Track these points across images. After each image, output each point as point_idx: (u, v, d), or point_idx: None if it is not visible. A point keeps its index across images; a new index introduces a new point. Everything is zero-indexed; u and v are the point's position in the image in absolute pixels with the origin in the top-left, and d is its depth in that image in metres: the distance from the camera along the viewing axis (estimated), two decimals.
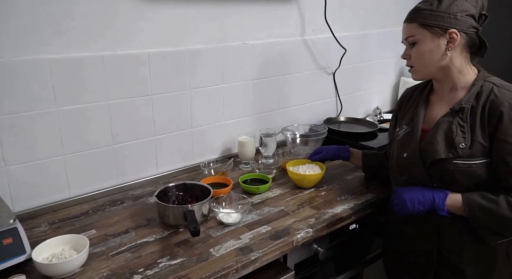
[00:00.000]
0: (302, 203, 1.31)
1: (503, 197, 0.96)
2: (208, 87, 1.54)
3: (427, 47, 1.04)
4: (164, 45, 1.38)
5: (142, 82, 1.36)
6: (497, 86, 1.02)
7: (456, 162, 1.00)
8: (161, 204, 1.15)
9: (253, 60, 1.63)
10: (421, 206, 1.03)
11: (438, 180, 1.04)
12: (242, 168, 1.58)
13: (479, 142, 0.99)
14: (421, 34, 1.04)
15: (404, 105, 1.23)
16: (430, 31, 1.03)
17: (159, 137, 1.46)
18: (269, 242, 1.08)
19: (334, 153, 1.42)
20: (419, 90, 1.21)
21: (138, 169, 1.43)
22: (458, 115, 1.03)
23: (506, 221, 0.96)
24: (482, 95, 1.02)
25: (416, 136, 1.09)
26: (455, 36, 1.01)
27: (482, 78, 1.05)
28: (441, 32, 1.02)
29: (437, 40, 1.03)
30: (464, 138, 1.00)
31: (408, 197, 1.05)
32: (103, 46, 1.26)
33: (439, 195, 1.02)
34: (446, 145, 1.02)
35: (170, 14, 1.37)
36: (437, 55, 1.04)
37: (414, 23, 1.04)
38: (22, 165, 1.18)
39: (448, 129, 1.03)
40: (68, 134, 1.24)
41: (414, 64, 1.09)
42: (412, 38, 1.06)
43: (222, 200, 1.24)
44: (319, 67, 1.88)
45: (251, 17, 1.59)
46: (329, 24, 1.79)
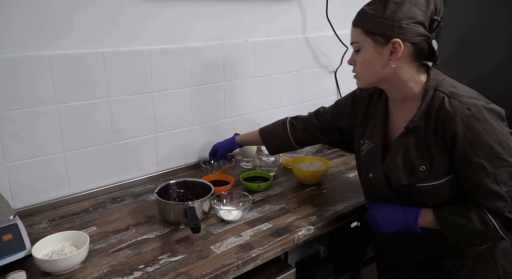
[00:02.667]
0: (303, 201, 1.30)
1: (474, 212, 0.92)
2: (209, 84, 1.53)
3: (369, 55, 0.96)
4: (164, 42, 1.38)
5: (143, 79, 1.36)
6: (448, 96, 0.92)
7: (420, 185, 0.96)
8: (161, 201, 1.15)
9: (254, 57, 1.63)
10: (394, 225, 1.02)
11: (407, 200, 1.01)
12: (243, 166, 1.57)
13: (439, 161, 0.93)
14: (364, 42, 0.96)
15: (364, 113, 1.14)
16: (372, 39, 0.94)
17: (160, 134, 1.45)
18: (270, 240, 1.08)
19: (228, 149, 1.46)
20: (376, 98, 1.12)
21: (138, 167, 1.43)
22: (413, 134, 0.96)
23: (481, 234, 0.93)
24: (433, 109, 0.93)
25: (377, 156, 1.05)
26: (398, 47, 0.91)
27: (433, 86, 0.95)
28: (384, 41, 0.93)
29: (380, 49, 0.94)
30: (423, 160, 0.95)
31: (381, 219, 1.04)
32: (104, 43, 1.25)
33: (410, 214, 0.99)
34: (406, 170, 0.97)
35: (171, 11, 1.37)
36: (378, 65, 0.96)
37: (359, 29, 0.96)
38: (22, 162, 1.18)
39: (405, 151, 0.97)
40: (68, 131, 1.24)
41: (357, 71, 1.02)
42: (357, 45, 0.98)
43: (223, 198, 1.24)
44: (320, 65, 1.88)
45: (252, 15, 1.58)
46: (331, 22, 1.78)
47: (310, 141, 1.38)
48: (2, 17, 1.07)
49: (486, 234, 0.93)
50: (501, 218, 0.91)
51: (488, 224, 0.91)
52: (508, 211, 0.90)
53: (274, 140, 1.36)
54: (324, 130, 1.30)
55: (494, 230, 0.91)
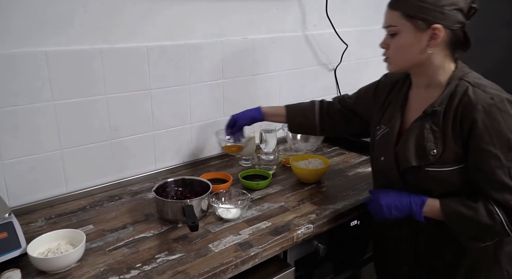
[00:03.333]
0: (302, 199, 1.29)
1: (481, 204, 0.91)
2: (208, 81, 1.52)
3: (407, 40, 0.94)
4: (163, 39, 1.37)
5: (141, 76, 1.35)
6: (472, 85, 0.93)
7: (428, 170, 0.95)
8: (159, 199, 1.14)
9: (254, 55, 1.62)
10: (397, 212, 1.00)
11: (413, 187, 1.00)
12: (242, 164, 1.56)
13: (451, 148, 0.93)
14: (402, 26, 0.93)
15: (384, 96, 1.15)
16: (412, 24, 0.92)
17: (158, 132, 1.44)
18: (269, 238, 1.07)
19: (250, 118, 1.33)
20: (399, 85, 1.12)
21: (136, 165, 1.41)
22: (431, 119, 0.96)
23: (486, 228, 0.91)
24: (456, 96, 0.94)
25: (392, 139, 1.04)
26: (438, 33, 0.91)
27: (459, 76, 0.96)
28: (425, 26, 0.92)
29: (419, 34, 0.93)
30: (435, 144, 0.94)
31: (385, 203, 1.01)
32: (101, 40, 1.24)
33: (416, 201, 0.98)
34: (417, 152, 0.97)
35: (170, 8, 1.35)
36: (416, 51, 0.95)
37: (397, 12, 0.93)
38: (18, 159, 1.17)
39: (419, 135, 0.97)
40: (65, 128, 1.23)
41: (391, 56, 1.00)
42: (393, 29, 0.96)
43: (221, 196, 1.23)
44: (320, 63, 1.87)
45: (251, 12, 1.57)
46: (331, 19, 1.77)
47: (331, 126, 1.33)
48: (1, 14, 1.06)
49: (491, 227, 0.92)
50: (508, 212, 0.90)
51: (494, 217, 0.90)
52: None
53: (299, 117, 1.33)
54: (344, 115, 1.30)
55: (500, 224, 0.90)
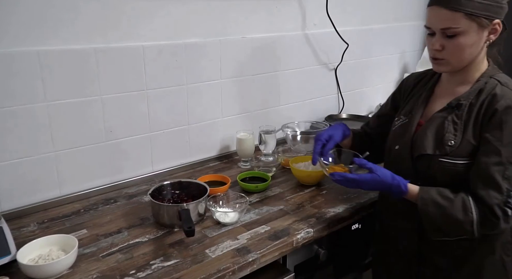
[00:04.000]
0: (302, 202, 1.26)
1: (460, 198, 0.91)
2: (206, 82, 1.49)
3: (471, 40, 0.91)
4: (160, 38, 1.34)
5: (137, 76, 1.32)
6: (501, 84, 0.94)
7: (441, 160, 0.95)
8: (155, 203, 1.11)
9: (253, 54, 1.58)
10: (377, 189, 1.04)
11: (422, 177, 0.99)
12: (241, 166, 1.53)
13: (469, 141, 0.93)
14: (467, 26, 0.90)
15: (407, 94, 1.16)
16: (477, 23, 0.90)
17: (155, 133, 1.41)
18: (267, 243, 1.04)
19: (342, 133, 1.19)
20: (425, 80, 1.12)
21: (133, 167, 1.38)
22: (454, 112, 0.97)
23: (456, 222, 0.91)
24: (483, 92, 0.95)
25: (411, 129, 1.04)
26: (498, 28, 0.92)
27: (490, 74, 0.97)
28: (487, 23, 0.91)
29: (481, 32, 0.91)
30: (454, 136, 0.94)
31: (366, 187, 1.01)
32: (96, 39, 1.21)
33: (397, 184, 0.97)
34: (434, 141, 0.97)
35: (168, 7, 1.32)
36: (477, 49, 0.94)
37: (460, 13, 0.88)
38: (10, 162, 1.14)
39: (440, 125, 0.97)
40: (59, 130, 1.20)
41: (448, 57, 0.95)
42: (455, 30, 0.90)
43: (219, 199, 1.20)
44: (320, 63, 1.83)
45: (250, 10, 1.54)
46: (331, 18, 1.74)
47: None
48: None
49: (461, 223, 0.91)
50: (484, 211, 0.90)
51: (468, 215, 0.90)
52: (497, 203, 0.88)
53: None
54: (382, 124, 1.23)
55: (470, 223, 0.90)
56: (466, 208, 0.91)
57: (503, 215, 0.89)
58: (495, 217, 0.89)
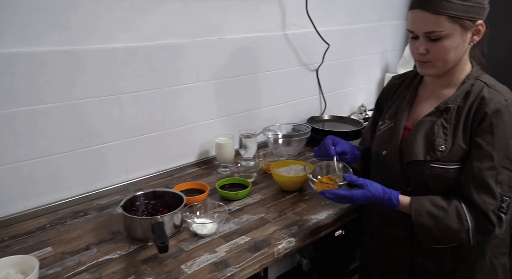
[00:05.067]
0: (284, 209, 1.21)
1: (453, 206, 0.89)
2: (183, 85, 1.42)
3: (455, 42, 0.89)
4: (133, 39, 1.26)
5: (109, 80, 1.24)
6: (488, 86, 0.93)
7: (433, 166, 0.93)
8: (127, 216, 1.04)
9: (232, 56, 1.53)
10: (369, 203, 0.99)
11: (413, 183, 0.97)
12: (221, 172, 1.47)
13: (460, 145, 0.91)
14: (451, 29, 0.88)
15: (390, 97, 1.13)
16: (460, 25, 0.88)
17: (130, 140, 1.34)
18: (247, 255, 0.98)
19: (350, 149, 1.13)
20: (407, 81, 1.11)
21: (105, 176, 1.31)
22: (443, 116, 0.95)
23: (451, 231, 0.89)
24: (471, 94, 0.93)
25: (397, 134, 1.01)
26: (481, 28, 0.90)
27: (475, 76, 0.96)
28: (471, 25, 0.89)
29: (465, 34, 0.90)
30: (445, 141, 0.92)
31: (358, 202, 0.97)
32: (64, 41, 1.13)
33: (389, 198, 0.94)
34: (425, 147, 0.94)
35: (142, 6, 1.25)
36: (462, 50, 0.92)
37: (443, 16, 0.86)
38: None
39: (430, 130, 0.95)
40: (22, 139, 1.11)
41: (433, 59, 0.93)
42: (439, 34, 0.88)
43: (196, 209, 1.14)
44: (301, 63, 1.79)
45: (228, 10, 1.48)
46: (311, 18, 1.70)
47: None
48: None
49: (457, 232, 0.89)
50: (479, 217, 0.88)
51: (463, 223, 0.89)
52: (492, 210, 0.87)
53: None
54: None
55: (466, 231, 0.88)
56: (460, 216, 0.89)
57: (498, 221, 0.87)
58: (490, 223, 0.87)
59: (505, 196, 0.87)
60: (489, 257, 0.99)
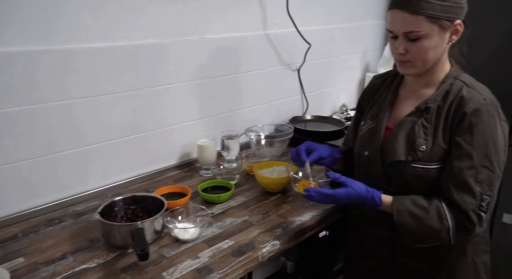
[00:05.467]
0: (267, 211, 1.19)
1: (434, 206, 0.90)
2: (163, 86, 1.39)
3: (434, 42, 0.90)
4: (110, 39, 1.22)
5: (85, 81, 1.19)
6: (467, 85, 0.93)
7: (414, 166, 0.93)
8: (105, 222, 1.00)
9: (213, 56, 1.50)
10: (353, 203, 0.98)
11: (395, 183, 0.97)
12: (203, 175, 1.44)
13: (440, 145, 0.92)
14: (429, 29, 0.88)
15: (371, 97, 1.13)
16: (438, 25, 0.88)
17: (108, 143, 1.29)
18: (231, 260, 0.96)
19: (329, 153, 1.12)
20: (388, 81, 1.11)
21: (82, 181, 1.26)
22: (423, 115, 0.95)
23: (432, 231, 0.90)
24: (450, 94, 0.94)
25: (379, 134, 1.02)
26: (460, 28, 0.91)
27: (454, 75, 0.97)
28: (449, 25, 0.89)
29: (443, 34, 0.90)
30: (425, 141, 0.93)
31: (343, 202, 0.96)
32: (36, 40, 1.07)
33: (372, 197, 0.94)
34: (406, 147, 0.95)
35: (120, 4, 1.21)
36: (441, 50, 0.93)
37: (421, 16, 0.87)
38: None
39: (410, 130, 0.96)
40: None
41: (412, 59, 0.93)
42: (417, 34, 0.89)
43: (178, 213, 1.10)
44: (283, 63, 1.78)
45: (209, 10, 1.45)
46: (292, 18, 1.69)
47: None
48: None
49: (438, 231, 0.90)
50: (460, 217, 0.88)
51: (443, 223, 0.89)
52: (472, 209, 0.88)
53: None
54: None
55: (447, 231, 0.89)
56: (441, 216, 0.89)
57: (478, 220, 0.88)
58: (471, 223, 0.88)
59: (485, 195, 0.88)
60: (470, 256, 1.00)
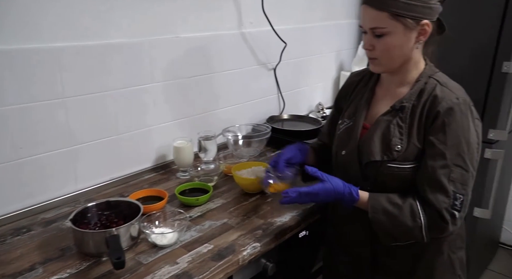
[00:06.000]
0: (247, 213, 1.18)
1: (408, 204, 0.91)
2: (136, 86, 1.34)
3: (398, 41, 0.90)
4: (77, 38, 1.17)
5: (49, 83, 1.13)
6: (441, 84, 0.94)
7: (390, 166, 0.94)
8: (77, 230, 0.95)
9: (187, 55, 1.47)
10: (330, 200, 0.97)
11: (371, 183, 0.97)
12: (180, 177, 1.41)
13: (415, 144, 0.92)
14: (393, 26, 0.88)
15: (349, 95, 1.13)
16: (403, 23, 0.88)
17: (78, 146, 1.24)
18: (211, 264, 0.94)
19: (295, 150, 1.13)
20: (365, 79, 1.11)
21: (51, 187, 1.20)
22: (398, 115, 0.95)
23: (405, 228, 0.91)
24: (424, 93, 0.94)
25: (356, 133, 1.02)
26: (427, 29, 0.90)
27: (428, 74, 0.97)
28: (414, 25, 0.89)
29: (409, 33, 0.90)
30: (400, 140, 0.93)
31: (321, 198, 0.95)
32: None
33: (349, 191, 0.95)
34: (382, 147, 0.95)
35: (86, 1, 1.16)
36: (406, 49, 0.92)
37: (385, 12, 0.87)
38: None
39: (386, 129, 0.96)
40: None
41: (379, 56, 0.94)
42: (381, 30, 0.89)
43: (155, 218, 1.07)
44: (259, 63, 1.77)
45: (184, 8, 1.41)
46: (268, 17, 1.68)
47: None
48: None
49: (410, 229, 0.91)
50: (433, 215, 0.90)
51: (416, 221, 0.90)
52: (445, 207, 0.89)
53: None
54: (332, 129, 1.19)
55: (419, 229, 0.90)
56: (414, 214, 0.90)
57: (451, 218, 0.89)
58: (444, 221, 0.89)
59: (458, 193, 0.89)
60: (446, 253, 1.01)
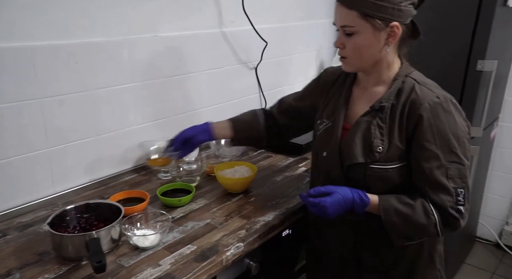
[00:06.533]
0: (230, 213, 1.17)
1: (419, 203, 0.91)
2: (115, 86, 1.32)
3: (366, 41, 0.90)
4: (53, 37, 1.13)
5: (25, 83, 1.10)
6: (418, 83, 0.93)
7: (372, 167, 0.94)
8: (55, 234, 0.93)
9: (167, 54, 1.45)
10: (341, 210, 0.94)
11: (354, 183, 0.97)
12: (161, 177, 1.39)
13: (396, 145, 0.92)
14: (361, 26, 0.88)
15: (326, 93, 1.11)
16: (371, 24, 0.88)
17: (55, 148, 1.21)
18: (194, 266, 0.93)
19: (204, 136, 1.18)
20: (342, 77, 1.09)
21: (27, 190, 1.16)
22: (378, 115, 0.95)
23: (420, 226, 0.91)
24: (403, 92, 0.93)
25: (336, 134, 1.01)
26: (397, 30, 0.89)
27: (404, 73, 0.96)
28: (383, 26, 0.88)
29: (378, 34, 0.89)
30: (382, 141, 0.93)
31: (332, 211, 0.93)
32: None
33: (358, 197, 0.93)
34: (363, 149, 0.95)
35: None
36: (375, 50, 0.92)
37: (354, 12, 0.87)
38: None
39: (366, 130, 0.95)
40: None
41: (348, 55, 0.94)
42: (350, 29, 0.90)
43: (136, 220, 1.05)
44: (240, 62, 1.76)
45: (163, 6, 1.40)
46: (248, 15, 1.67)
47: (278, 134, 1.26)
48: None
49: (425, 227, 0.91)
50: (442, 213, 0.91)
51: (430, 217, 0.90)
52: (451, 206, 0.90)
53: (244, 130, 1.25)
54: (290, 112, 1.23)
55: (434, 225, 0.91)
56: (427, 211, 0.90)
57: (459, 214, 0.90)
58: (453, 218, 0.90)
59: (459, 188, 0.89)
60: (427, 248, 1.03)
